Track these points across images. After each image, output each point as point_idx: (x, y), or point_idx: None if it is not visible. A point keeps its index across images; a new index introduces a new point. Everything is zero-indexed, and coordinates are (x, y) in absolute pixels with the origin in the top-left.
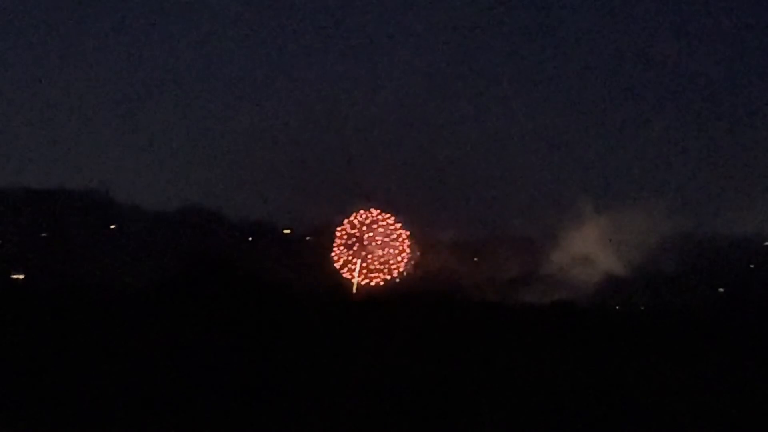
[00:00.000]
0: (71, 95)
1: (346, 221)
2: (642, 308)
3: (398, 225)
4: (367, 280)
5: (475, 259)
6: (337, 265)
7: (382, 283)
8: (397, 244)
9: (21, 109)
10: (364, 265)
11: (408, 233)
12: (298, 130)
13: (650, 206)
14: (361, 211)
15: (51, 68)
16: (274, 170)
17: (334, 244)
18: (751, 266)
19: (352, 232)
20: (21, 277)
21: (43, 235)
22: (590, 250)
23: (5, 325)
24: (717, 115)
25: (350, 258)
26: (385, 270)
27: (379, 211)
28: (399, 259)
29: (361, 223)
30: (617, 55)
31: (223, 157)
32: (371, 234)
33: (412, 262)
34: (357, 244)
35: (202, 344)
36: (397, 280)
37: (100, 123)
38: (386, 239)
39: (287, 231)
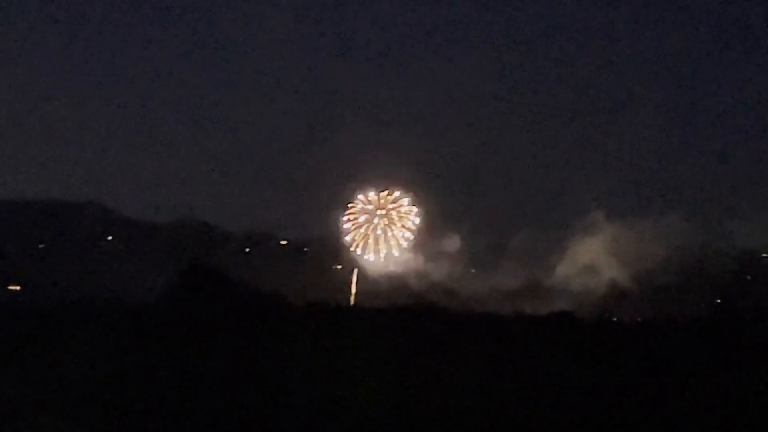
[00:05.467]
0: (69, 108)
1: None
2: (639, 319)
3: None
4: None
5: (473, 270)
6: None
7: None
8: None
9: (18, 122)
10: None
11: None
12: (296, 143)
13: (658, 218)
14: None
15: (48, 81)
16: (272, 182)
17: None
18: (748, 278)
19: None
20: (18, 288)
21: (40, 246)
22: (596, 260)
23: (1, 336)
24: (724, 132)
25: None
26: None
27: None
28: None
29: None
30: (631, 67)
31: (220, 169)
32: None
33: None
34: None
35: (199, 354)
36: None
37: (97, 135)
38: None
39: (284, 242)
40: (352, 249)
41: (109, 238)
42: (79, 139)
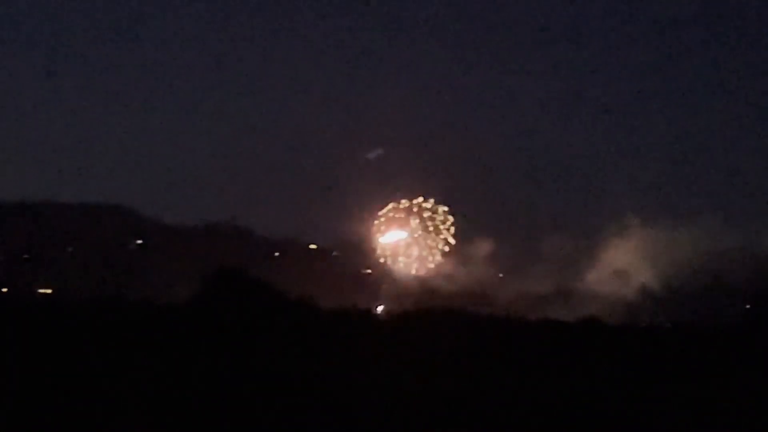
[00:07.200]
0: (98, 108)
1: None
2: (668, 325)
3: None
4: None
5: (501, 275)
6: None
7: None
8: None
9: (47, 123)
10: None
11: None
12: (325, 146)
13: (691, 223)
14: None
15: (78, 82)
16: (302, 186)
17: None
18: None
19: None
20: (48, 291)
21: (70, 249)
22: (627, 265)
23: (32, 340)
24: (760, 135)
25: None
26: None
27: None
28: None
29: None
30: (666, 68)
31: (249, 172)
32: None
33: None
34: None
35: (228, 359)
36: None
37: (126, 138)
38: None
39: (313, 246)
40: (381, 254)
41: (139, 241)
42: (108, 142)
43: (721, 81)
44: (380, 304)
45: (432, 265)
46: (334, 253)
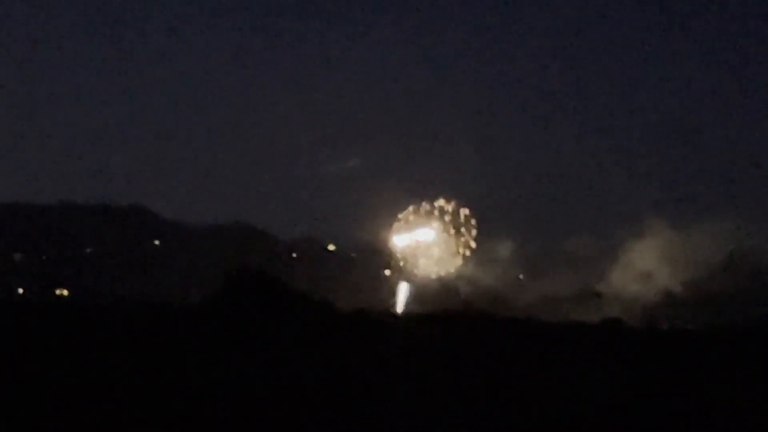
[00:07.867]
0: (114, 112)
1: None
2: (690, 327)
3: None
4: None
5: (522, 277)
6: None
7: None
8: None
9: (66, 125)
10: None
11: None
12: (344, 149)
13: (714, 224)
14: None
15: (96, 85)
16: (320, 187)
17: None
18: None
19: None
20: (65, 293)
21: (87, 250)
22: (649, 267)
23: (49, 342)
24: None
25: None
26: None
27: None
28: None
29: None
30: (686, 71)
31: (268, 173)
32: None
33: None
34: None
35: (245, 360)
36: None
37: (144, 138)
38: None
39: (332, 247)
40: (401, 256)
41: (156, 242)
42: (125, 143)
43: (745, 77)
44: (400, 306)
45: (452, 268)
46: (353, 255)
